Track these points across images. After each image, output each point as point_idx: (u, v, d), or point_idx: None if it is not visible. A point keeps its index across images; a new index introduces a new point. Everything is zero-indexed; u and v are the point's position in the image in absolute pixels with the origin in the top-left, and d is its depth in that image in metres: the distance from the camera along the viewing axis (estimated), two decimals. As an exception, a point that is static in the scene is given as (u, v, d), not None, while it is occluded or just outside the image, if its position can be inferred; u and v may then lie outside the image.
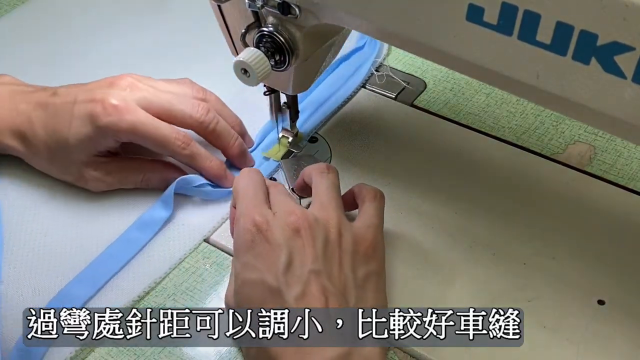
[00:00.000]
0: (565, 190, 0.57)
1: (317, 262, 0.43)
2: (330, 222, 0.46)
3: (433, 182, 0.58)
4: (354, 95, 0.66)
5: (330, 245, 0.45)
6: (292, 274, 0.43)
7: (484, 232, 0.54)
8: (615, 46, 0.34)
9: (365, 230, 0.47)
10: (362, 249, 0.46)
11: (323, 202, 0.47)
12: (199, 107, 0.56)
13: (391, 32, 0.43)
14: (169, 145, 0.54)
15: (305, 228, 0.44)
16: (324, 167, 0.50)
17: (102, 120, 0.53)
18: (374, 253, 0.47)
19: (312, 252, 0.44)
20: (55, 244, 0.54)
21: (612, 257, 0.52)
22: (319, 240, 0.44)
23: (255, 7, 0.48)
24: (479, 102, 0.66)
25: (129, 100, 0.54)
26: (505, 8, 0.36)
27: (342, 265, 0.45)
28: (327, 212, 0.47)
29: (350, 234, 0.46)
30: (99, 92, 0.54)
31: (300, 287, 0.43)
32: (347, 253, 0.45)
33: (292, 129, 0.60)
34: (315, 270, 0.43)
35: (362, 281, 0.45)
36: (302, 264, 0.43)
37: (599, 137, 0.62)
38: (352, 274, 0.45)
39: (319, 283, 0.43)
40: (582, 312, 0.49)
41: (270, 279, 0.43)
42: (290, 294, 0.42)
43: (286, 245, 0.44)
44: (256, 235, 0.45)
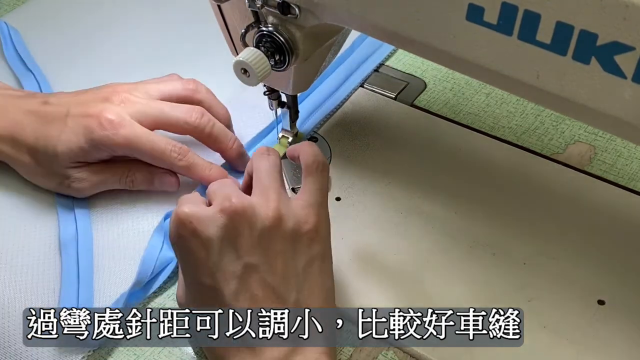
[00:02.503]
0: (565, 190, 0.57)
1: (254, 253, 0.42)
2: (269, 205, 0.43)
3: (433, 182, 0.58)
4: (352, 93, 0.66)
5: (268, 233, 0.42)
6: (226, 269, 0.41)
7: (484, 232, 0.54)
8: (615, 46, 0.34)
9: (307, 210, 0.44)
10: (303, 232, 0.44)
11: (263, 185, 0.45)
12: (193, 112, 0.55)
13: (391, 32, 0.43)
14: (165, 158, 0.54)
15: (240, 215, 0.42)
16: (264, 150, 0.47)
17: (98, 134, 0.53)
18: (316, 235, 0.44)
19: (248, 241, 0.42)
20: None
21: (612, 257, 0.52)
22: (255, 228, 0.42)
23: (255, 7, 0.48)
24: (478, 102, 0.66)
25: (124, 115, 0.53)
26: (505, 8, 0.36)
27: (281, 253, 0.43)
28: (266, 195, 0.44)
29: (291, 217, 0.43)
30: (93, 106, 0.54)
31: (235, 282, 0.41)
32: (287, 239, 0.43)
33: (291, 129, 0.60)
34: (250, 263, 0.42)
35: (304, 268, 0.43)
36: (236, 257, 0.42)
37: (599, 137, 0.62)
38: (293, 262, 0.43)
39: (257, 277, 0.41)
40: (582, 312, 0.49)
41: (205, 278, 0.42)
42: (227, 291, 0.41)
43: (217, 237, 0.41)
44: (182, 230, 0.42)
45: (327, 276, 0.45)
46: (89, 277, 0.51)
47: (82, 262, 0.52)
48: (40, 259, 0.53)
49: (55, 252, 0.53)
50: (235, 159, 0.58)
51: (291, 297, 0.42)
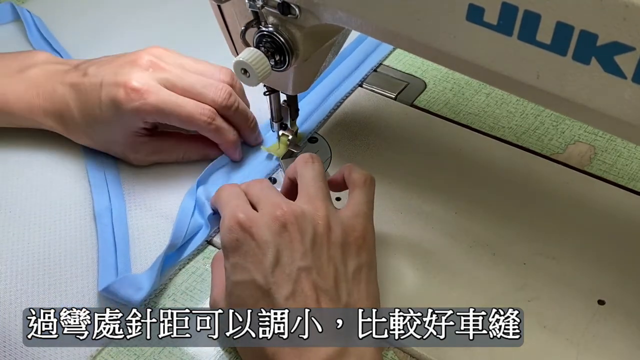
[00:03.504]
0: (565, 190, 0.57)
1: (306, 258, 0.43)
2: (318, 214, 0.45)
3: (433, 182, 0.58)
4: (351, 92, 0.66)
5: (319, 239, 0.44)
6: (281, 271, 0.42)
7: (484, 232, 0.54)
8: (615, 46, 0.34)
9: (354, 220, 0.46)
10: (351, 240, 0.45)
11: (310, 193, 0.46)
12: (221, 92, 0.56)
13: (391, 32, 0.43)
14: (195, 121, 0.55)
15: (292, 222, 0.43)
16: (308, 157, 0.49)
17: (126, 105, 0.54)
18: (364, 243, 0.46)
19: (301, 247, 0.43)
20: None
21: (612, 257, 0.52)
22: (307, 234, 0.43)
23: (255, 7, 0.48)
24: (478, 102, 0.66)
25: (150, 81, 0.54)
26: (505, 8, 0.36)
27: (332, 259, 0.44)
28: (314, 204, 0.45)
29: (339, 225, 0.45)
30: (121, 73, 0.55)
31: (290, 285, 0.42)
32: (337, 246, 0.44)
33: (291, 126, 0.60)
34: (304, 266, 0.42)
35: (353, 274, 0.44)
36: (290, 261, 0.43)
37: (599, 137, 0.62)
38: (343, 267, 0.44)
39: (309, 280, 0.42)
40: (582, 312, 0.49)
41: (260, 279, 0.42)
42: (280, 293, 0.42)
43: (273, 242, 0.43)
44: (240, 234, 0.44)
45: (373, 283, 0.46)
46: (125, 244, 0.53)
47: (118, 231, 0.54)
48: (77, 230, 0.55)
49: (91, 222, 0.55)
50: (250, 135, 0.60)
51: (342, 299, 0.43)
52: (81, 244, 0.54)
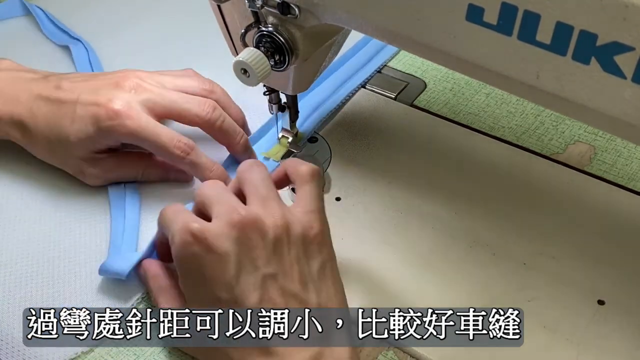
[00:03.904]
0: (565, 190, 0.57)
1: (270, 264, 0.42)
2: (275, 215, 0.43)
3: (433, 182, 0.58)
4: (353, 94, 0.66)
5: (280, 242, 0.42)
6: (245, 281, 0.41)
7: (484, 232, 0.54)
8: (615, 46, 0.34)
9: (310, 216, 0.44)
10: (311, 238, 0.44)
11: (261, 195, 0.44)
12: (205, 106, 0.55)
13: (391, 32, 0.43)
14: (168, 152, 0.54)
15: (251, 228, 0.42)
16: (252, 162, 0.47)
17: (104, 123, 0.53)
18: (323, 239, 0.44)
19: (263, 253, 0.42)
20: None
21: (612, 257, 0.52)
22: (267, 238, 0.42)
23: (255, 7, 0.48)
24: (478, 102, 0.66)
25: (133, 104, 0.53)
26: (505, 8, 0.36)
27: (295, 260, 0.42)
28: (268, 205, 0.43)
29: (297, 225, 0.43)
30: (103, 93, 0.54)
31: (257, 294, 0.41)
32: (298, 246, 0.43)
33: (291, 128, 0.60)
34: (269, 273, 0.41)
35: (318, 273, 0.43)
36: (254, 269, 0.41)
37: (599, 137, 0.62)
38: (307, 267, 0.43)
39: (276, 286, 0.41)
40: (582, 312, 0.49)
41: (224, 294, 0.41)
42: (248, 303, 0.41)
43: (233, 251, 0.41)
44: (196, 248, 0.42)
45: (338, 278, 0.45)
46: (135, 229, 0.54)
47: (129, 214, 0.55)
48: (92, 214, 0.56)
49: (105, 206, 0.56)
50: (241, 153, 0.58)
51: (312, 301, 0.42)
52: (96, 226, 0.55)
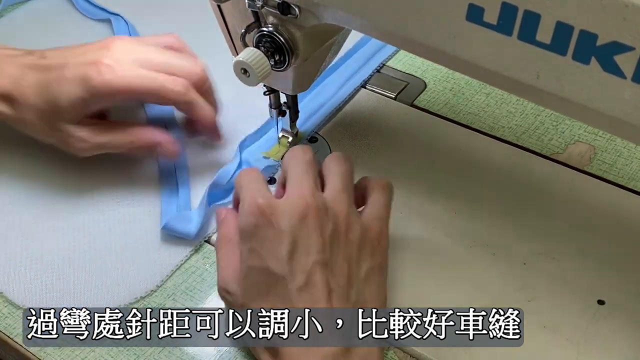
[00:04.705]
0: (565, 190, 0.57)
1: (323, 253, 0.43)
2: (341, 211, 0.45)
3: (433, 182, 0.58)
4: (354, 95, 0.66)
5: (338, 236, 0.44)
6: (297, 262, 0.42)
7: (484, 232, 0.54)
8: (615, 46, 0.34)
9: (373, 222, 0.46)
10: (368, 241, 0.45)
11: (336, 188, 0.46)
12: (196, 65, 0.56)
13: (391, 32, 0.43)
14: (168, 93, 0.54)
15: (313, 216, 0.43)
16: (342, 154, 0.49)
17: (97, 80, 0.52)
18: (378, 246, 0.46)
19: (319, 241, 0.43)
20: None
21: (612, 257, 0.52)
22: (326, 229, 0.43)
23: (255, 7, 0.48)
24: (478, 102, 0.66)
25: (124, 59, 0.54)
26: (505, 8, 0.36)
27: (347, 257, 0.44)
28: (339, 199, 0.45)
29: (358, 226, 0.45)
30: (91, 54, 0.54)
31: (304, 277, 0.42)
32: (353, 245, 0.44)
33: (292, 129, 0.60)
34: (320, 260, 0.42)
35: (365, 275, 0.44)
36: (307, 253, 0.42)
37: (599, 137, 0.62)
38: (357, 267, 0.44)
39: (323, 275, 0.42)
40: (582, 312, 0.49)
41: (274, 266, 0.42)
42: (293, 283, 0.42)
43: (291, 232, 0.43)
44: (259, 220, 0.43)
45: (383, 286, 0.46)
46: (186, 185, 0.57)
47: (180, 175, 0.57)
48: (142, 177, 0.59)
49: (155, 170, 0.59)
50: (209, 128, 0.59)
51: (352, 298, 0.43)
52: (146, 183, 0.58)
